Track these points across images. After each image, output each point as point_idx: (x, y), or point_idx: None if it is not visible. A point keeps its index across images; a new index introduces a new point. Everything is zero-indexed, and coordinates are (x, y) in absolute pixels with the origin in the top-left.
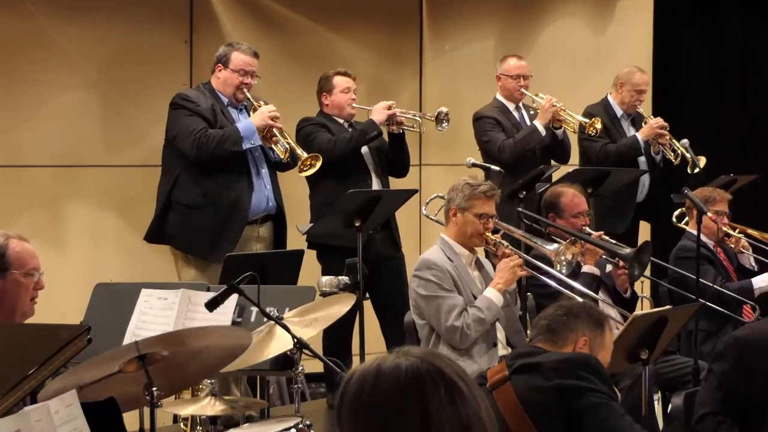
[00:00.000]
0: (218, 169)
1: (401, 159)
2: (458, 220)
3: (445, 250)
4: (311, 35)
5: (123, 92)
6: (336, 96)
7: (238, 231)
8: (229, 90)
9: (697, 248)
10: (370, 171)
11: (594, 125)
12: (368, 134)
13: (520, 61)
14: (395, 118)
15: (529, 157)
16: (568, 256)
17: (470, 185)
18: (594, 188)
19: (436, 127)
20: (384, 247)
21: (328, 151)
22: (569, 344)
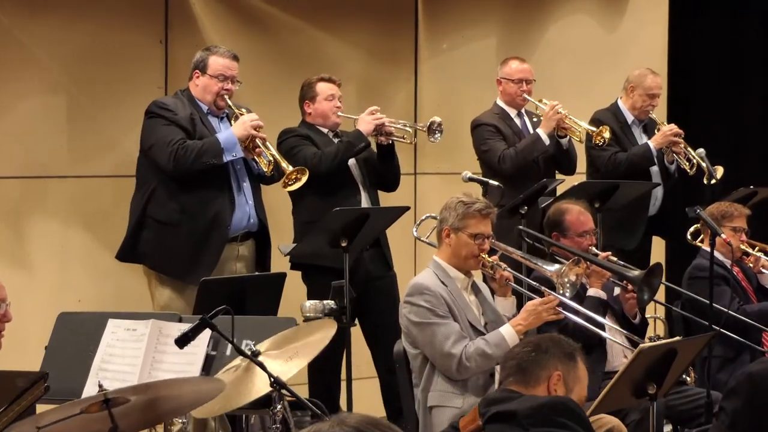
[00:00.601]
0: (197, 183)
1: (391, 172)
2: (452, 242)
3: (438, 273)
4: (297, 34)
5: (92, 96)
6: (319, 104)
7: (218, 250)
8: (209, 97)
9: (710, 271)
10: (358, 185)
11: (602, 134)
12: (355, 146)
13: (522, 63)
14: (383, 128)
15: (532, 169)
16: (572, 278)
17: (464, 203)
18: (602, 202)
19: (428, 138)
20: (374, 266)
21: (313, 167)
22: (542, 382)
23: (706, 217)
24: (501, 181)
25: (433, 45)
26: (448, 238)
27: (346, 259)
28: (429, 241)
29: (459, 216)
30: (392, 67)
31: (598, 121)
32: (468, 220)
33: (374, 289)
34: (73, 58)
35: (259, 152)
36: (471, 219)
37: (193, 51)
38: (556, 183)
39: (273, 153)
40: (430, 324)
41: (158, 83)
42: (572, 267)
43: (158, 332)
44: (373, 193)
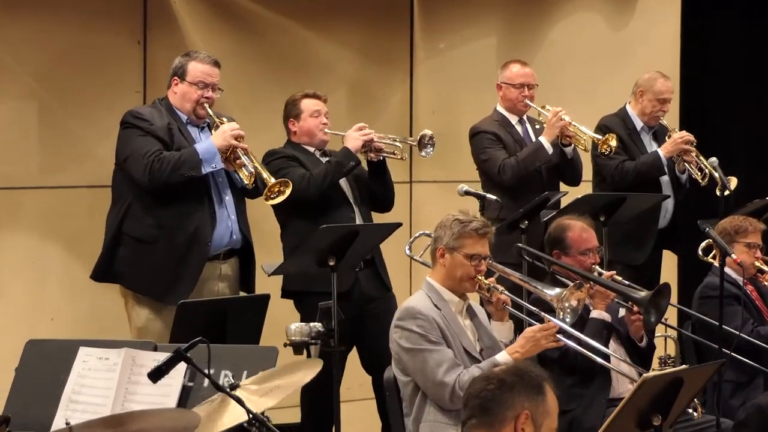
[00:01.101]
0: (175, 197)
1: (383, 189)
2: (446, 262)
3: (431, 296)
4: (284, 34)
5: (65, 102)
6: (304, 122)
7: (198, 268)
8: (188, 106)
9: (720, 293)
10: (351, 203)
11: (608, 142)
12: (345, 166)
13: (524, 67)
14: (372, 144)
15: (534, 179)
16: (573, 303)
17: (460, 222)
18: (607, 216)
19: (419, 153)
20: (370, 288)
21: (301, 192)
22: (509, 423)
23: (715, 235)
24: (501, 193)
25: (430, 45)
26: (442, 258)
27: (334, 279)
28: (422, 260)
29: (454, 235)
30: (386, 68)
31: (605, 128)
32: (464, 239)
33: (370, 312)
34: (43, 61)
35: (241, 164)
36: (467, 239)
37: (173, 52)
38: (559, 195)
39: (256, 164)
40: (422, 350)
41: (136, 87)
42: (573, 291)
43: (132, 362)
44: (366, 210)
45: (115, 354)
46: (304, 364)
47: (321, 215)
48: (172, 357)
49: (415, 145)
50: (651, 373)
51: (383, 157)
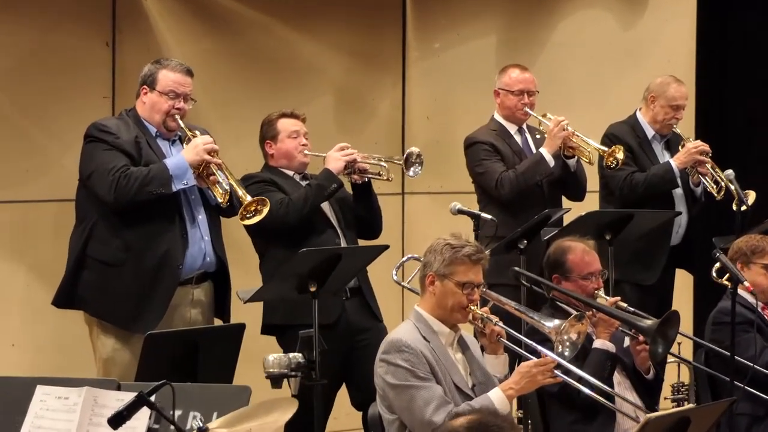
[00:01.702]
0: (143, 216)
1: (370, 214)
2: (436, 290)
3: (420, 327)
4: (265, 35)
5: (27, 109)
6: (282, 143)
7: (168, 294)
8: (157, 117)
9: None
10: (336, 227)
11: (614, 155)
12: (326, 189)
13: (523, 72)
14: (355, 164)
15: (534, 194)
16: (573, 336)
17: (451, 246)
18: (613, 234)
19: (406, 173)
20: (357, 318)
21: (280, 218)
22: None
23: (726, 261)
24: (499, 209)
25: (424, 45)
26: (432, 286)
27: (315, 306)
28: (411, 286)
29: (445, 261)
30: (376, 70)
31: (613, 137)
32: (456, 266)
33: (359, 345)
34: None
35: (214, 180)
36: (459, 265)
37: (144, 55)
38: (562, 213)
39: (231, 181)
40: (409, 387)
41: (104, 92)
42: (574, 324)
43: (93, 402)
44: (351, 234)
45: (76, 393)
46: (279, 403)
47: (303, 242)
48: (134, 402)
49: (402, 164)
50: (654, 414)
51: (368, 179)
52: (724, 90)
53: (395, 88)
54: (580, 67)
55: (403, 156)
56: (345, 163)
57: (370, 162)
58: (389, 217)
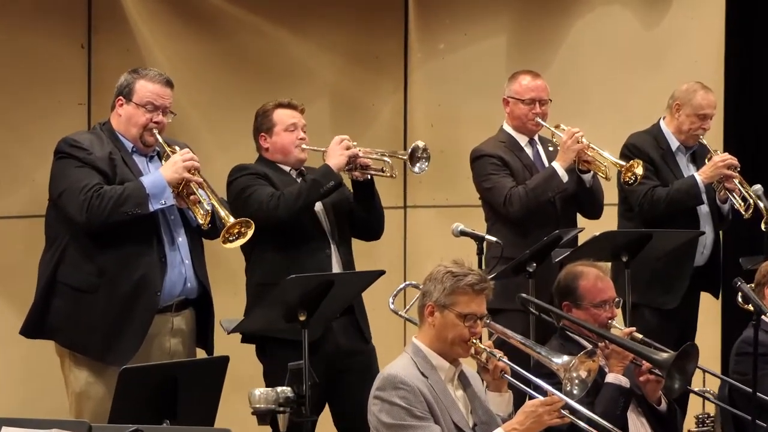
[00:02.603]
0: (118, 238)
1: (371, 215)
2: (436, 321)
3: (417, 361)
4: (256, 35)
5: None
6: (278, 136)
7: (145, 323)
8: (134, 131)
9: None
10: (328, 237)
11: (632, 170)
12: (323, 185)
13: (535, 80)
14: (357, 160)
15: (546, 211)
16: (583, 374)
17: (453, 275)
18: (631, 255)
19: (411, 168)
20: (346, 339)
21: (269, 212)
22: None
23: (747, 290)
24: (507, 228)
25: (428, 46)
26: (431, 317)
27: (305, 336)
28: (409, 316)
29: (446, 290)
30: (376, 74)
31: (634, 148)
32: (457, 296)
33: (346, 368)
34: None
35: (195, 200)
36: (461, 295)
37: (123, 58)
38: (574, 233)
39: (213, 201)
40: (405, 427)
41: (79, 98)
42: (584, 360)
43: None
44: (346, 247)
45: None
46: None
47: (291, 246)
48: None
49: (407, 159)
50: None
51: (370, 176)
52: (755, 97)
53: (396, 93)
54: (597, 70)
55: (407, 150)
56: (347, 158)
57: (372, 157)
58: (389, 233)
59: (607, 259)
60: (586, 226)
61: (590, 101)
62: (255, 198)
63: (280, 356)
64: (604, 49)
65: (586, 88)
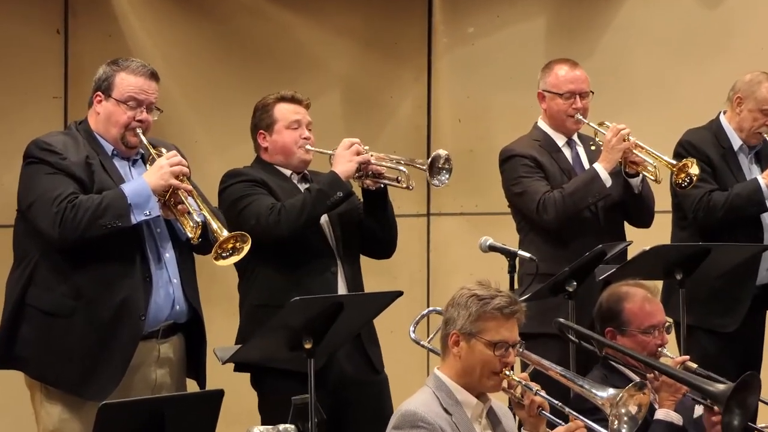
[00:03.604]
0: (96, 255)
1: (383, 230)
2: (462, 352)
3: (440, 396)
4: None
5: None
6: (279, 135)
7: (128, 351)
8: (114, 131)
9: None
10: (334, 252)
11: (686, 170)
12: (330, 196)
13: (573, 70)
14: (369, 167)
15: (587, 221)
16: (632, 409)
17: (478, 298)
18: (686, 272)
19: (430, 180)
20: (352, 367)
21: (268, 227)
22: None
23: None
24: (542, 239)
25: (455, 30)
26: (456, 347)
27: (311, 366)
28: (432, 346)
29: (472, 316)
30: (395, 63)
31: (690, 146)
32: (485, 322)
33: (354, 402)
34: None
35: (183, 210)
36: (489, 321)
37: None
38: (621, 247)
39: (204, 211)
40: None
41: (54, 91)
42: (633, 393)
43: None
44: (353, 264)
45: None
46: None
47: (292, 263)
48: None
49: (425, 170)
50: None
51: (383, 185)
52: None
53: (418, 84)
54: (648, 58)
55: (427, 160)
56: (357, 164)
57: (386, 165)
58: (410, 245)
59: (659, 277)
60: (634, 238)
61: (640, 94)
62: (252, 210)
63: (279, 388)
64: (655, 34)
65: (635, 78)
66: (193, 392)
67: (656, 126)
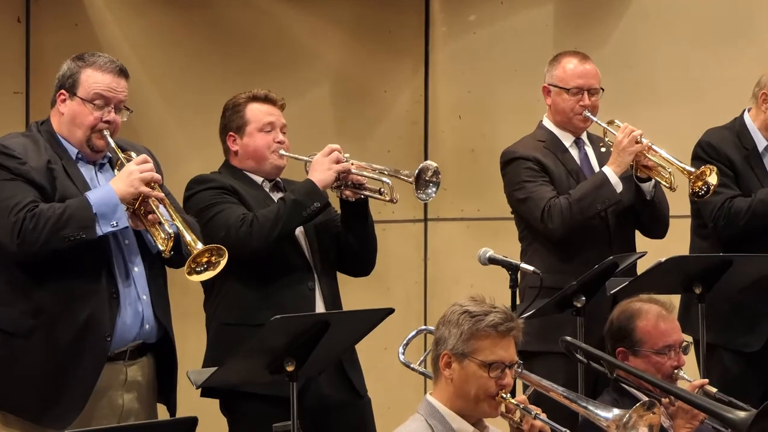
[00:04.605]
0: (58, 270)
1: (362, 244)
2: (455, 374)
3: (433, 424)
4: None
5: None
6: (251, 138)
7: (92, 374)
8: (79, 133)
9: None
10: (311, 266)
11: (703, 179)
12: (306, 208)
13: (583, 63)
14: (349, 177)
15: (596, 230)
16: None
17: (470, 315)
18: (706, 286)
19: (416, 194)
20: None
21: (238, 240)
22: None
23: None
24: (547, 249)
25: (455, 18)
26: (448, 369)
27: (293, 390)
28: (424, 369)
29: (464, 335)
30: (390, 54)
31: (710, 147)
32: (478, 340)
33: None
34: None
35: (154, 220)
36: (483, 339)
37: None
38: (634, 258)
39: (177, 221)
40: None
41: (15, 86)
42: (642, 413)
43: None
44: (330, 279)
45: None
46: None
47: (264, 279)
48: None
49: (411, 182)
50: None
51: (364, 197)
52: None
53: (416, 77)
54: (667, 49)
55: (414, 171)
56: (336, 173)
57: (367, 174)
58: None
59: (676, 291)
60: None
61: (658, 87)
62: (221, 221)
63: (252, 413)
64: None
65: (653, 70)
66: (163, 420)
67: (677, 124)
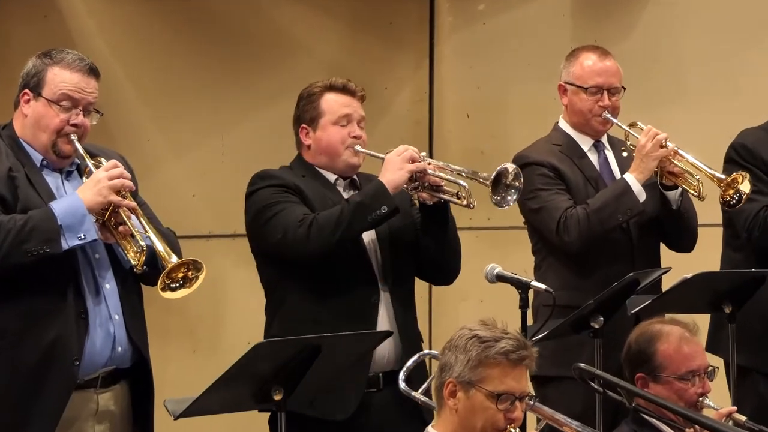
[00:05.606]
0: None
1: (442, 251)
2: (460, 405)
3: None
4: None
5: None
6: (324, 131)
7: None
8: (44, 138)
9: None
10: (376, 276)
11: (735, 186)
12: (372, 211)
13: (603, 59)
14: (425, 178)
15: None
16: None
17: (480, 340)
18: (737, 304)
19: (492, 198)
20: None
21: (295, 243)
22: None
23: None
24: (562, 264)
25: (462, 7)
26: (452, 399)
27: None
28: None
29: (472, 362)
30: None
31: (744, 150)
32: (487, 369)
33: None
34: None
35: (126, 232)
36: (492, 368)
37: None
38: (657, 275)
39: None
40: None
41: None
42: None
43: None
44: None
45: None
46: None
47: (322, 292)
48: None
49: (489, 185)
50: None
51: (445, 201)
52: None
53: (419, 72)
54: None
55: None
56: (408, 174)
57: (444, 176)
58: None
59: (705, 310)
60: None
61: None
62: (279, 222)
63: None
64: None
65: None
66: None
67: (707, 125)
